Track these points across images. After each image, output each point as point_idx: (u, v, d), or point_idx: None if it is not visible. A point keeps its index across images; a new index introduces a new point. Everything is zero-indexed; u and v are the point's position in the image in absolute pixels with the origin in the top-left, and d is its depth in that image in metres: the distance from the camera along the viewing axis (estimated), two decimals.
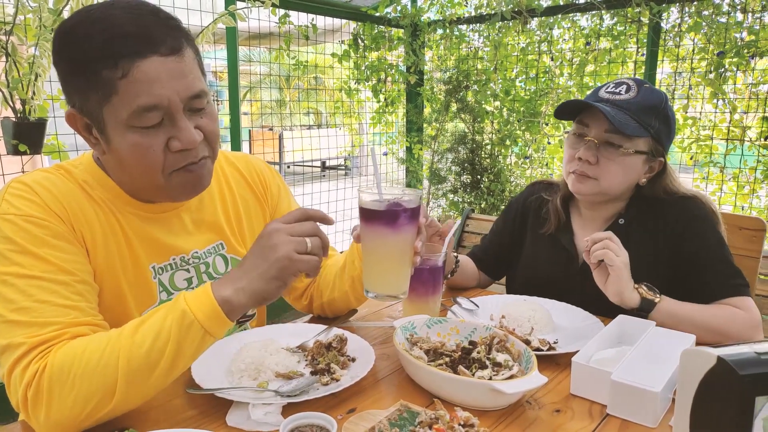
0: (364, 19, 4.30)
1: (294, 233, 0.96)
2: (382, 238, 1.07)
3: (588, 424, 0.97)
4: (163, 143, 1.00)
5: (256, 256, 0.96)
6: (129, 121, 0.97)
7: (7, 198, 1.01)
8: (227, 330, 0.98)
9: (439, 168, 4.65)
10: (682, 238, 1.45)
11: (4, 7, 2.20)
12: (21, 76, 2.18)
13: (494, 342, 1.12)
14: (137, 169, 1.02)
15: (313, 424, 0.89)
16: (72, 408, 0.89)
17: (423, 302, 1.34)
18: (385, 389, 1.09)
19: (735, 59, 3.12)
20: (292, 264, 0.94)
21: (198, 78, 1.03)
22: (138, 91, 0.95)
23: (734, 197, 3.36)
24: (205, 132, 1.05)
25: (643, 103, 1.42)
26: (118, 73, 0.94)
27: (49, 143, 2.49)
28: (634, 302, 1.30)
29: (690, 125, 3.41)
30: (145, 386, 0.92)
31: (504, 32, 4.10)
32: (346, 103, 4.67)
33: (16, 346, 0.91)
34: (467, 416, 0.89)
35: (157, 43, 0.96)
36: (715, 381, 0.79)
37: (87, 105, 0.99)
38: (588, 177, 1.46)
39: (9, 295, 0.93)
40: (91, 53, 0.95)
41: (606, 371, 1.01)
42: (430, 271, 1.33)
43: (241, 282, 0.94)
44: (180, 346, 0.91)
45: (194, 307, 0.92)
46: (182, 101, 0.99)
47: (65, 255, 0.99)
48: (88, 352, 0.89)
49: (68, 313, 0.95)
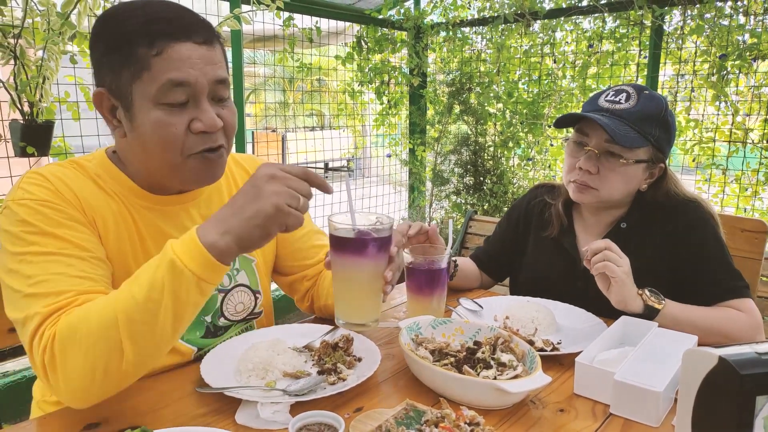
0: (367, 22, 4.32)
1: (290, 186, 0.93)
2: (351, 267, 1.06)
3: (591, 424, 0.99)
4: (185, 123, 1.04)
5: (246, 198, 0.93)
6: (156, 98, 1.01)
7: (23, 186, 1.05)
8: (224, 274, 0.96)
9: (442, 170, 4.67)
10: (683, 242, 1.46)
11: (13, 11, 2.22)
12: (29, 79, 2.21)
13: (499, 342, 1.14)
14: (157, 148, 1.05)
15: (321, 423, 0.90)
16: (83, 368, 0.89)
17: (427, 302, 1.35)
18: (391, 389, 1.10)
19: (737, 62, 3.13)
20: (280, 215, 0.91)
21: (225, 69, 1.10)
22: (169, 67, 1.01)
23: (736, 199, 3.36)
24: (225, 122, 1.09)
25: (643, 112, 1.42)
26: (153, 51, 1.00)
27: (56, 145, 2.52)
28: (637, 309, 1.31)
29: (692, 127, 3.42)
30: (152, 339, 0.91)
31: (507, 35, 4.11)
32: (349, 105, 4.69)
33: (33, 317, 0.93)
34: (473, 415, 0.90)
35: (193, 31, 1.03)
36: (716, 381, 0.81)
37: (118, 82, 1.03)
38: (589, 187, 1.47)
39: (27, 271, 0.97)
40: (131, 31, 1.01)
41: (609, 371, 1.02)
42: (434, 271, 1.35)
43: (226, 224, 0.92)
44: (176, 294, 0.90)
45: (182, 255, 0.90)
46: (209, 84, 1.04)
47: (80, 234, 1.03)
48: (90, 312, 0.91)
49: (82, 282, 0.98)
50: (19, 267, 0.98)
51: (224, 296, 1.27)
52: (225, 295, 1.27)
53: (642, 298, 1.31)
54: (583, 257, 1.35)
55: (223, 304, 1.27)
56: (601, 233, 1.57)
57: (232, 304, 1.28)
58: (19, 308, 0.96)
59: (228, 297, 1.28)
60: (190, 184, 1.16)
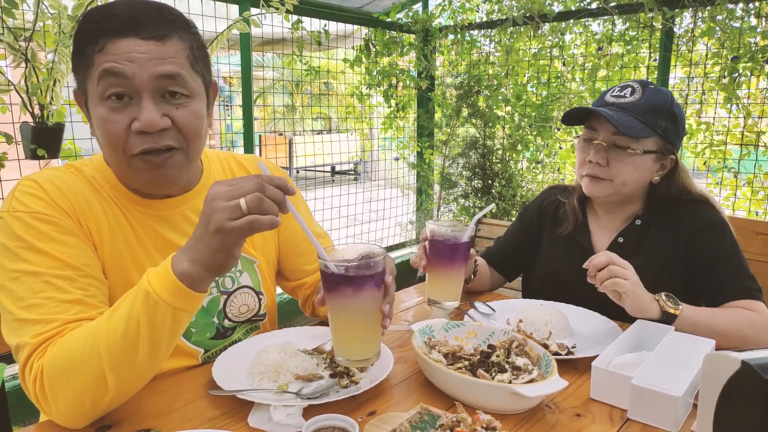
0: (375, 25, 4.32)
1: (231, 196, 0.88)
2: (346, 304, 1.00)
3: (609, 428, 0.97)
4: (127, 122, 1.02)
5: (200, 225, 0.91)
6: (99, 93, 1.01)
7: (17, 195, 1.04)
8: (201, 301, 0.95)
9: (450, 173, 4.66)
10: (699, 242, 1.47)
11: (24, 14, 2.23)
12: (40, 82, 2.21)
13: (513, 346, 1.12)
14: (105, 146, 1.06)
15: (335, 426, 0.89)
16: (72, 399, 0.92)
17: (448, 277, 1.34)
18: (404, 392, 1.09)
19: (749, 64, 3.11)
20: (227, 234, 0.88)
21: (180, 66, 1.03)
22: (106, 59, 0.99)
23: (748, 203, 3.33)
24: (178, 122, 1.04)
25: (648, 105, 1.45)
26: (96, 47, 1.00)
27: (66, 147, 2.53)
28: (655, 315, 1.29)
29: (703, 130, 3.39)
30: (134, 370, 0.93)
31: (515, 37, 4.10)
32: (357, 108, 4.69)
33: (23, 347, 0.95)
34: (489, 419, 0.89)
35: (141, 27, 1.00)
36: (738, 385, 0.79)
37: (78, 81, 1.07)
38: (601, 179, 1.49)
39: (19, 292, 0.97)
40: (86, 31, 1.02)
41: (626, 376, 1.01)
42: (455, 246, 1.35)
43: (192, 253, 0.91)
44: (152, 326, 0.90)
45: (156, 285, 0.90)
46: (150, 79, 1.00)
47: (71, 250, 1.02)
48: (74, 345, 0.92)
49: (70, 308, 0.97)
50: (12, 286, 0.98)
51: (227, 298, 1.26)
52: (228, 297, 1.26)
53: (659, 304, 1.30)
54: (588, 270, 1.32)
55: (227, 306, 1.26)
56: (616, 230, 1.58)
57: (236, 305, 1.28)
58: (12, 332, 0.97)
59: (231, 298, 1.27)
60: (142, 186, 1.12)
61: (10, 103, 2.34)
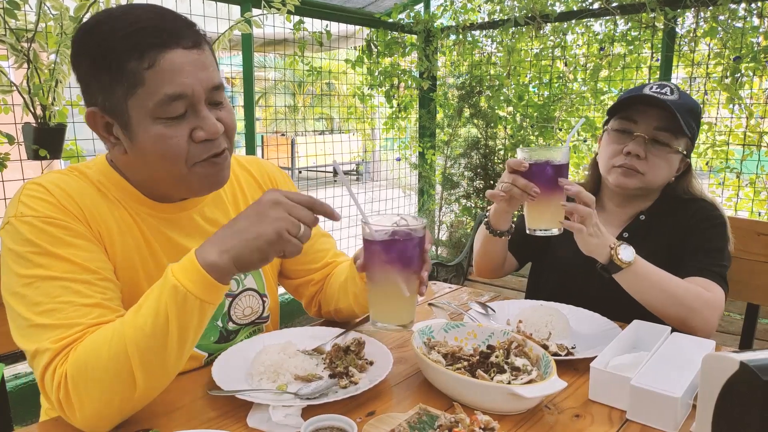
0: (377, 25, 4.33)
1: (293, 213, 0.94)
2: (387, 269, 1.05)
3: (608, 429, 0.97)
4: (187, 134, 1.01)
5: (248, 221, 0.94)
6: (154, 112, 0.98)
7: (23, 200, 1.02)
8: (223, 294, 0.97)
9: (452, 173, 4.65)
10: (692, 232, 1.52)
11: (26, 15, 2.24)
12: (42, 83, 2.22)
13: (512, 346, 1.12)
14: (161, 162, 1.03)
15: (334, 426, 0.90)
16: (100, 401, 0.91)
17: (553, 205, 1.31)
18: (404, 393, 1.09)
19: (752, 64, 3.10)
20: (280, 242, 0.92)
21: (217, 72, 1.06)
22: (164, 80, 0.97)
23: (750, 203, 3.33)
24: (225, 124, 1.06)
25: (686, 106, 1.48)
26: (144, 64, 0.96)
27: (68, 148, 2.53)
28: (602, 260, 1.33)
29: (705, 130, 3.39)
30: (164, 365, 0.93)
31: (517, 38, 4.09)
32: (358, 108, 4.69)
33: (43, 352, 0.93)
34: (488, 420, 0.89)
35: (180, 36, 0.99)
36: (737, 386, 0.79)
37: (111, 100, 1.00)
38: (636, 171, 1.50)
39: (35, 297, 0.95)
40: (117, 46, 0.97)
41: (625, 377, 1.01)
42: (559, 167, 1.29)
43: (226, 244, 0.93)
44: (181, 320, 0.91)
45: (183, 279, 0.91)
46: (205, 92, 1.02)
47: (85, 253, 1.01)
48: (100, 346, 0.91)
49: (90, 312, 0.96)
50: (26, 291, 0.96)
51: (232, 300, 1.26)
52: (233, 300, 1.26)
53: (611, 252, 1.32)
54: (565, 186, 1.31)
55: (231, 309, 1.26)
56: (621, 225, 1.61)
57: (240, 308, 1.28)
58: (28, 338, 0.95)
59: (236, 301, 1.27)
60: (199, 191, 1.13)
61: (12, 104, 2.35)
